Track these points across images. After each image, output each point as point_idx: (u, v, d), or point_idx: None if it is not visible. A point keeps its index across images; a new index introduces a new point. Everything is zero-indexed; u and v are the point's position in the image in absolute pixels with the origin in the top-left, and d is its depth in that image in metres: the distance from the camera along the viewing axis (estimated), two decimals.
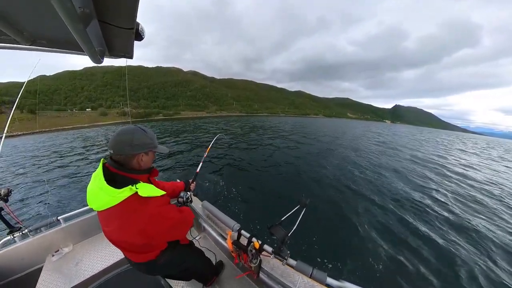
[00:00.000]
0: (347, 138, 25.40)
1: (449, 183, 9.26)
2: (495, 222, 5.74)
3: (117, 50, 1.18)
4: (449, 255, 4.13)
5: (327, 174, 9.10)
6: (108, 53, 1.18)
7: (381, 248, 4.16)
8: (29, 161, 12.96)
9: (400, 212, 5.77)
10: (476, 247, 4.53)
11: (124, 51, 1.22)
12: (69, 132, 39.18)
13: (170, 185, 1.96)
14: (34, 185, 8.16)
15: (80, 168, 10.05)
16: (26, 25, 0.84)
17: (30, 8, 0.74)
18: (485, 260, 4.12)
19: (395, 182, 8.46)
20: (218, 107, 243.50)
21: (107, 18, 0.81)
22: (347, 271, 3.55)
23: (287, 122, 63.46)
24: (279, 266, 1.64)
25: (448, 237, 4.74)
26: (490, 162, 18.60)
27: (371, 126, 79.78)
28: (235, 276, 2.22)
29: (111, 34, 0.96)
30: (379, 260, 3.84)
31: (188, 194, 1.87)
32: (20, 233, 2.13)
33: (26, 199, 6.73)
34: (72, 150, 15.82)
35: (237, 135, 22.89)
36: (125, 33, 0.93)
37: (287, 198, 6.55)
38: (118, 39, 1.03)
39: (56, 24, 0.83)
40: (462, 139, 56.87)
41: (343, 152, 14.95)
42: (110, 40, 1.03)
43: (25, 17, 0.78)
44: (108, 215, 1.17)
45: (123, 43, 1.09)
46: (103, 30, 0.89)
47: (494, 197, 7.94)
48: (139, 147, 1.20)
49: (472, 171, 13.01)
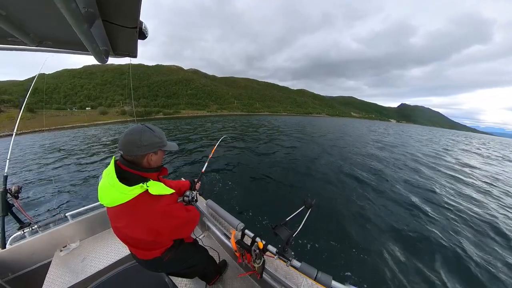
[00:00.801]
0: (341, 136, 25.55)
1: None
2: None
3: (121, 49, 1.21)
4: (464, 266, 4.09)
5: (330, 172, 9.17)
6: (113, 52, 1.22)
7: (391, 254, 4.11)
8: (35, 158, 13.66)
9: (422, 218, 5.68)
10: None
11: (128, 50, 1.25)
12: (72, 130, 39.61)
13: (176, 183, 1.99)
14: (42, 183, 8.60)
15: (86, 166, 10.42)
16: (33, 26, 0.87)
17: (36, 10, 0.77)
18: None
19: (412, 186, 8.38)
20: (219, 105, 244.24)
21: (111, 17, 0.83)
22: (354, 274, 3.52)
23: (289, 121, 63.29)
24: (282, 267, 1.66)
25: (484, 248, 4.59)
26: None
27: (373, 126, 78.22)
28: (238, 275, 2.26)
29: (115, 34, 0.98)
30: (388, 265, 3.79)
31: (193, 193, 1.92)
32: (30, 229, 2.25)
33: (35, 196, 7.18)
34: (75, 148, 16.37)
35: (242, 134, 23.15)
36: (129, 32, 0.95)
37: (292, 198, 6.55)
38: (122, 38, 1.06)
39: (61, 25, 0.85)
40: (469, 139, 54.95)
41: (345, 152, 15.05)
42: (114, 39, 1.06)
43: (32, 19, 0.82)
44: (118, 212, 1.23)
45: (127, 42, 1.12)
46: (107, 29, 0.92)
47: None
48: (147, 147, 1.23)
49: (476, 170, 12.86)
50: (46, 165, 11.42)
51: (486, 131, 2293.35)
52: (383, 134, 37.05)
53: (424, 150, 19.92)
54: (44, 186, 8.28)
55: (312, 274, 1.34)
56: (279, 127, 36.15)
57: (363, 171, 9.67)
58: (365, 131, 42.76)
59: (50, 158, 13.38)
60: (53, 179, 9.14)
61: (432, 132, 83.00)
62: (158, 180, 1.43)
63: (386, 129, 60.28)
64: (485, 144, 43.53)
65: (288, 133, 25.52)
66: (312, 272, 1.35)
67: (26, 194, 7.30)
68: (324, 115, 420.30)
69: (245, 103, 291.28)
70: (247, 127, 33.88)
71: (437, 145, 27.52)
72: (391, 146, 20.55)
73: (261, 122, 50.02)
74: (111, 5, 0.77)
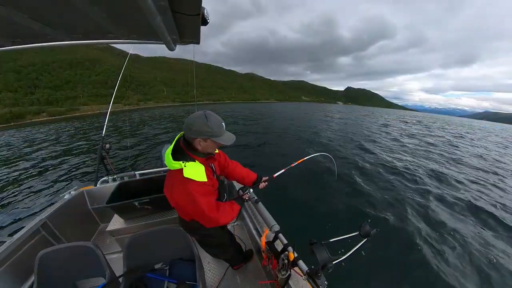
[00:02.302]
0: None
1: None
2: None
3: (187, 36, 1.39)
4: None
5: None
6: (180, 40, 1.42)
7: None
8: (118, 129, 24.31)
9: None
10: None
11: (192, 37, 1.43)
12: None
13: (241, 171, 2.30)
14: (121, 148, 15.11)
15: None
16: (123, 24, 1.16)
17: (128, 10, 1.00)
18: None
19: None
20: (142, 96, 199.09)
21: (177, 7, 0.97)
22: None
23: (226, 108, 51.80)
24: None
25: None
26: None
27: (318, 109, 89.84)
28: (258, 280, 2.45)
29: (182, 22, 1.16)
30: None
31: (250, 192, 2.17)
32: (112, 177, 3.76)
33: (118, 157, 12.74)
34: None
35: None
36: (193, 19, 1.11)
37: (349, 216, 6.35)
38: (188, 26, 1.24)
39: (142, 20, 1.09)
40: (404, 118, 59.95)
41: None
42: (181, 27, 1.24)
43: (121, 18, 1.09)
44: (168, 175, 1.70)
45: (191, 29, 1.29)
46: (175, 19, 1.09)
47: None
48: (196, 132, 1.50)
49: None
50: (128, 137, 19.19)
51: (412, 108, 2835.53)
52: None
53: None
54: (123, 151, 14.07)
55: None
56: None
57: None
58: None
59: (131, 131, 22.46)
60: (128, 145, 15.92)
61: (374, 113, 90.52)
62: (208, 164, 1.73)
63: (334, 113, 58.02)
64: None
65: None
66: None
67: (113, 153, 12.95)
68: (273, 100, 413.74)
69: (178, 91, 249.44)
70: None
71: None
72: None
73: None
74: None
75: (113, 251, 3.06)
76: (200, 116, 1.47)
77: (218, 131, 1.53)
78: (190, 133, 1.51)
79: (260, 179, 2.33)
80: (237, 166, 2.30)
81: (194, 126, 1.48)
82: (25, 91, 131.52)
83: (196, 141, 1.54)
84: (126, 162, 11.91)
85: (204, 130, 1.47)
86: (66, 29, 1.19)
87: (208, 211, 1.55)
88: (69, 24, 1.13)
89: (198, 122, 1.47)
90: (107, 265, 1.89)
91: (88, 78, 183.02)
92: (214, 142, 1.56)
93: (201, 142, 1.53)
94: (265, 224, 2.24)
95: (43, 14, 1.00)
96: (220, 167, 2.15)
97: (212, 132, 1.49)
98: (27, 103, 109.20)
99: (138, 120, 36.16)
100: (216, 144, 1.61)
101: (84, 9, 0.92)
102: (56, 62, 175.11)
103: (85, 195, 3.45)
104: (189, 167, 1.46)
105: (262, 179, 2.34)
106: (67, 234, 2.96)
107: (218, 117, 1.55)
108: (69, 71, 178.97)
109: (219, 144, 1.61)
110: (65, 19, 1.08)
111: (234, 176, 2.32)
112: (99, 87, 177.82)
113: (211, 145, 1.59)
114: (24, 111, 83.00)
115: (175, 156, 1.54)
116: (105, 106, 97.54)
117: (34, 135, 25.65)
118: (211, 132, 1.49)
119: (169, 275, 2.03)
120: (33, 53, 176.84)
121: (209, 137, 1.52)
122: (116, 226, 2.79)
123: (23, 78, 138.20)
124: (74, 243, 1.89)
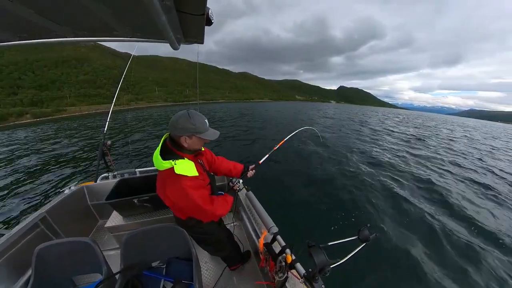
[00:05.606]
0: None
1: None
2: None
3: (191, 35, 1.39)
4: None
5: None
6: (184, 39, 1.41)
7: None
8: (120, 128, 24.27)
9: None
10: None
11: (196, 37, 1.42)
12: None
13: (228, 164, 2.34)
14: (123, 144, 15.64)
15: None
16: (130, 22, 1.16)
17: (134, 8, 1.00)
18: None
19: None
20: (133, 95, 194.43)
21: (182, 7, 0.98)
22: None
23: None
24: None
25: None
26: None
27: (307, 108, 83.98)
28: (255, 280, 2.42)
29: (186, 22, 1.17)
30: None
31: (239, 183, 2.22)
32: (113, 174, 3.75)
33: (119, 153, 13.15)
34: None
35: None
36: (197, 19, 1.11)
37: (349, 221, 6.07)
38: (192, 26, 1.24)
39: (147, 18, 1.08)
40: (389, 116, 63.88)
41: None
42: (185, 27, 1.24)
43: (128, 16, 1.08)
44: (159, 176, 1.72)
45: (196, 29, 1.30)
46: (179, 18, 1.10)
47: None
48: (181, 130, 1.56)
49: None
50: (129, 136, 19.56)
51: (402, 106, 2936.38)
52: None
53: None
54: (123, 147, 14.61)
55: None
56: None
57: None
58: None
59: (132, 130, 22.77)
60: (129, 141, 16.71)
61: (368, 112, 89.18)
62: (196, 161, 1.77)
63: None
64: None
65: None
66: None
67: (114, 150, 13.14)
68: (267, 100, 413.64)
69: (171, 91, 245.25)
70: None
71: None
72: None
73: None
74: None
75: (111, 248, 3.09)
76: (183, 114, 1.55)
77: (202, 128, 1.61)
78: (175, 131, 1.58)
79: (247, 169, 2.40)
80: (223, 160, 2.37)
81: (178, 124, 1.55)
82: (6, 91, 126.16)
83: (182, 139, 1.60)
84: (127, 159, 12.34)
85: (188, 127, 1.55)
86: (72, 25, 1.19)
87: (203, 204, 1.60)
88: (75, 20, 1.13)
89: (182, 120, 1.55)
90: (104, 262, 1.90)
91: (76, 77, 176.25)
92: (199, 138, 1.64)
93: (187, 139, 1.60)
94: (263, 225, 2.27)
95: (49, 10, 1.00)
96: (208, 163, 2.19)
97: (195, 128, 1.57)
98: (10, 104, 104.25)
99: (135, 119, 36.78)
100: (202, 140, 1.68)
101: (90, 6, 0.93)
102: (40, 60, 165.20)
103: (85, 190, 3.48)
104: (180, 164, 1.52)
105: (249, 168, 2.41)
106: (65, 229, 2.97)
107: (201, 114, 1.62)
108: (55, 70, 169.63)
109: (204, 140, 1.69)
110: (71, 15, 1.08)
111: (222, 170, 2.37)
112: (87, 87, 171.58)
113: (197, 142, 1.66)
114: (5, 113, 79.82)
115: (164, 156, 1.57)
116: (94, 107, 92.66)
117: (28, 134, 26.11)
118: (195, 129, 1.57)
119: (165, 274, 2.05)
120: (14, 51, 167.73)
121: (194, 134, 1.59)
122: (115, 223, 2.83)
123: (5, 78, 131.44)
124: (72, 239, 1.89)
